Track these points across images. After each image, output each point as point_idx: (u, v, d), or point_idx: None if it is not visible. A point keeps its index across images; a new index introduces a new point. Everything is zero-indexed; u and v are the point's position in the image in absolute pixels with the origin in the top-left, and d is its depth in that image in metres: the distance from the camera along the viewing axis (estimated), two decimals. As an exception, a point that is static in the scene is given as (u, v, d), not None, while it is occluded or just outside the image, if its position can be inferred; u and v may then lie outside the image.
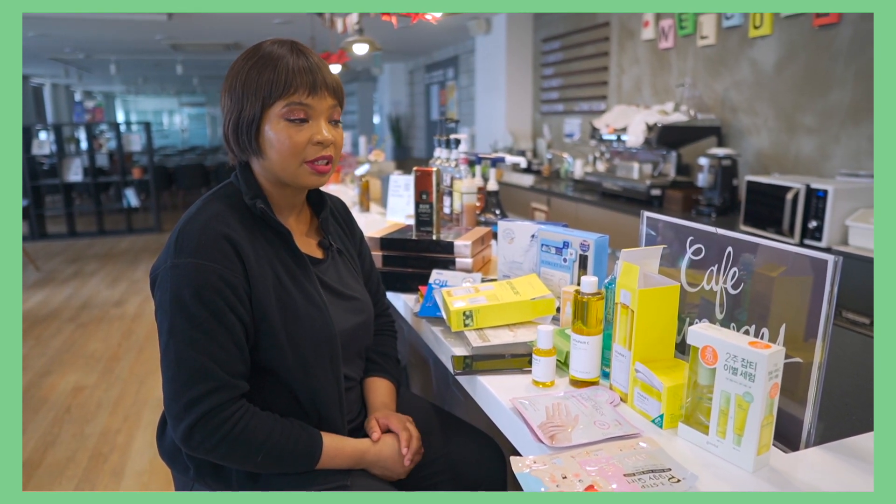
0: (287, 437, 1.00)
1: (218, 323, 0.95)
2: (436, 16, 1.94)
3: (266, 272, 1.02)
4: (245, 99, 1.02)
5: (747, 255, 0.94)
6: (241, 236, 1.01)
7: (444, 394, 1.80)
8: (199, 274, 0.95)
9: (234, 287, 0.97)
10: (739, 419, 0.77)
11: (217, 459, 0.98)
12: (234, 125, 1.04)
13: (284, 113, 1.01)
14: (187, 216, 1.03)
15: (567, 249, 1.29)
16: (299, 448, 1.00)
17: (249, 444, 0.96)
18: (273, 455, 0.98)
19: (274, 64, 1.01)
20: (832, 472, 0.79)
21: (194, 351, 0.94)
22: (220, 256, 0.97)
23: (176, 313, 0.95)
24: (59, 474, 2.39)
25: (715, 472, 0.78)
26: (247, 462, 0.98)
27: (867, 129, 2.81)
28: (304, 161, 1.04)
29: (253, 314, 1.00)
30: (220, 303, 0.96)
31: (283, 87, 1.00)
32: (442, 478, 1.20)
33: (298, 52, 1.03)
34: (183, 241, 0.98)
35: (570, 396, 0.96)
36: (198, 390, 0.94)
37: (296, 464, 1.01)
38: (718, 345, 0.79)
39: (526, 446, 0.89)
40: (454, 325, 1.18)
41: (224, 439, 0.95)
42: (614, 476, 0.75)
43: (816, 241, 2.53)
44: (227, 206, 1.04)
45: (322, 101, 1.04)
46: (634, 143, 3.65)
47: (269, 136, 1.02)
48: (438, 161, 2.11)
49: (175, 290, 0.95)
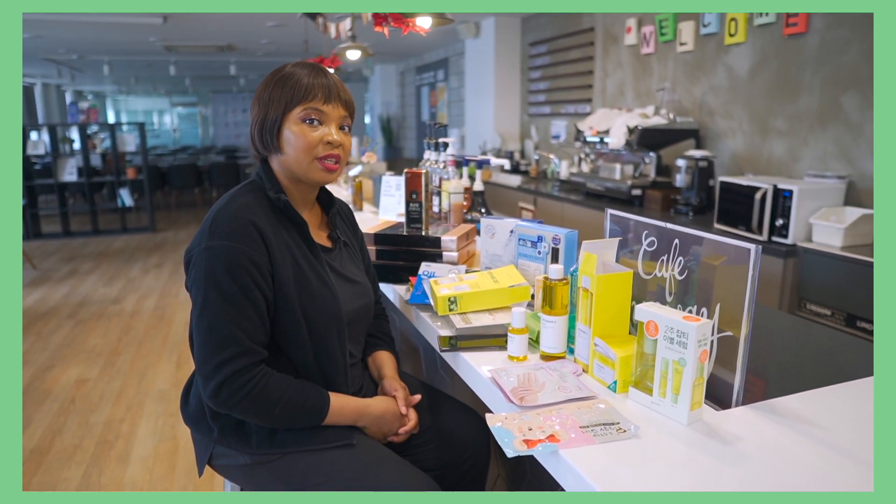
0: (300, 394, 1.15)
1: (245, 297, 1.11)
2: (424, 28, 2.08)
3: (286, 256, 1.18)
4: (270, 105, 1.20)
5: (695, 246, 1.09)
6: (266, 225, 1.17)
7: (433, 377, 1.95)
8: (231, 254, 1.11)
9: (260, 267, 1.13)
10: (676, 381, 0.92)
11: (239, 414, 1.13)
12: (260, 126, 1.22)
13: (302, 116, 1.19)
14: (219, 205, 1.19)
15: (541, 243, 1.45)
16: (310, 404, 1.16)
17: (268, 401, 1.12)
18: (288, 409, 1.14)
19: (297, 78, 1.20)
20: (752, 424, 0.94)
21: (224, 320, 1.10)
22: (248, 240, 1.13)
23: (210, 288, 1.11)
24: (67, 460, 2.52)
25: (657, 426, 0.94)
26: (266, 416, 1.14)
27: (833, 133, 2.98)
28: (315, 158, 1.21)
29: (274, 291, 1.16)
30: (248, 280, 1.11)
31: (304, 94, 1.19)
32: (430, 445, 1.35)
33: (318, 71, 1.22)
34: (216, 227, 1.14)
35: (540, 368, 1.11)
36: (226, 354, 1.09)
37: (308, 418, 1.16)
38: (659, 319, 0.94)
39: (500, 407, 1.04)
40: (440, 310, 1.34)
41: (247, 396, 1.10)
42: (572, 427, 0.91)
43: (783, 238, 2.70)
44: (254, 198, 1.21)
45: (335, 109, 1.22)
46: (616, 145, 3.81)
47: (287, 135, 1.20)
48: (428, 163, 2.26)
49: (209, 269, 1.11)
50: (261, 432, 1.19)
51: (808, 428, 0.94)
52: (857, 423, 0.96)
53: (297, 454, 1.18)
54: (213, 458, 1.24)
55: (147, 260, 6.15)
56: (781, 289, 2.69)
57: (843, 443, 0.90)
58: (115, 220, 8.03)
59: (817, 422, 0.96)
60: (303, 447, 1.18)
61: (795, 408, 1.00)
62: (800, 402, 1.03)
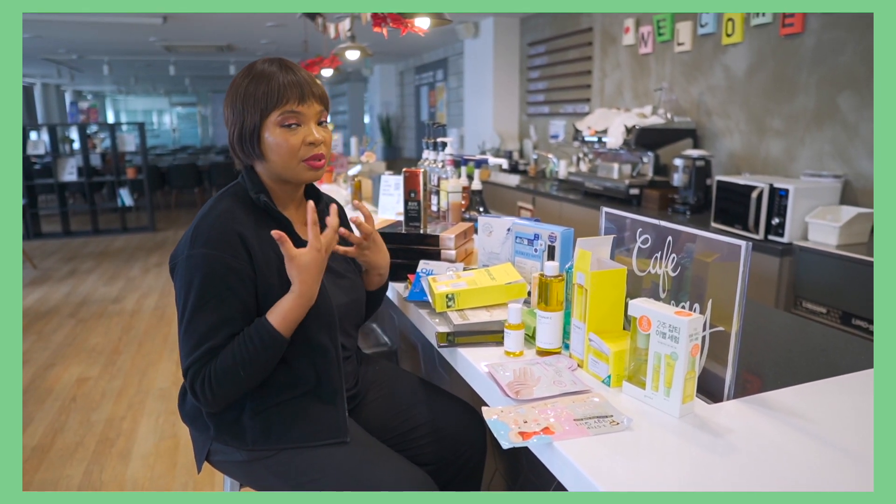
0: (246, 345, 1.13)
1: (222, 304, 1.13)
2: (423, 28, 2.10)
3: (269, 256, 1.19)
4: (245, 111, 1.20)
5: (689, 243, 1.11)
6: (248, 228, 1.19)
7: (431, 373, 1.97)
8: (208, 263, 1.14)
9: (239, 273, 1.15)
10: (668, 375, 0.94)
11: (223, 398, 1.14)
12: (239, 135, 1.22)
13: (279, 120, 1.20)
14: (202, 213, 1.21)
15: (538, 241, 1.47)
16: (261, 343, 1.13)
17: (227, 372, 1.12)
18: (249, 364, 1.12)
19: (268, 80, 1.19)
20: (743, 417, 0.96)
21: (200, 327, 1.13)
22: (227, 247, 1.15)
23: (189, 297, 1.14)
24: (69, 457, 2.54)
25: (650, 419, 0.96)
26: (239, 384, 1.13)
27: (829, 133, 3.00)
28: (300, 160, 1.22)
29: (259, 293, 1.18)
30: (224, 288, 1.14)
31: (277, 98, 1.19)
32: (427, 440, 1.37)
33: (287, 68, 1.22)
34: (197, 235, 1.16)
35: (536, 363, 1.13)
36: (193, 357, 1.13)
37: (270, 353, 1.14)
38: (652, 314, 0.96)
39: (496, 401, 1.06)
40: (438, 307, 1.35)
41: (209, 381, 1.12)
42: (566, 420, 0.92)
43: (779, 237, 2.72)
44: (235, 202, 1.22)
45: (311, 107, 1.22)
46: (614, 144, 3.84)
47: (268, 141, 1.20)
48: (426, 162, 2.28)
49: (188, 277, 1.14)
50: (255, 429, 1.20)
51: (798, 420, 0.96)
52: (848, 416, 0.98)
53: (292, 450, 1.20)
54: (210, 454, 1.26)
55: (147, 259, 6.17)
56: (777, 287, 2.71)
57: (834, 435, 0.92)
58: (115, 220, 8.05)
59: (807, 414, 0.98)
60: (297, 444, 1.20)
61: (786, 401, 1.02)
62: (790, 395, 1.05)
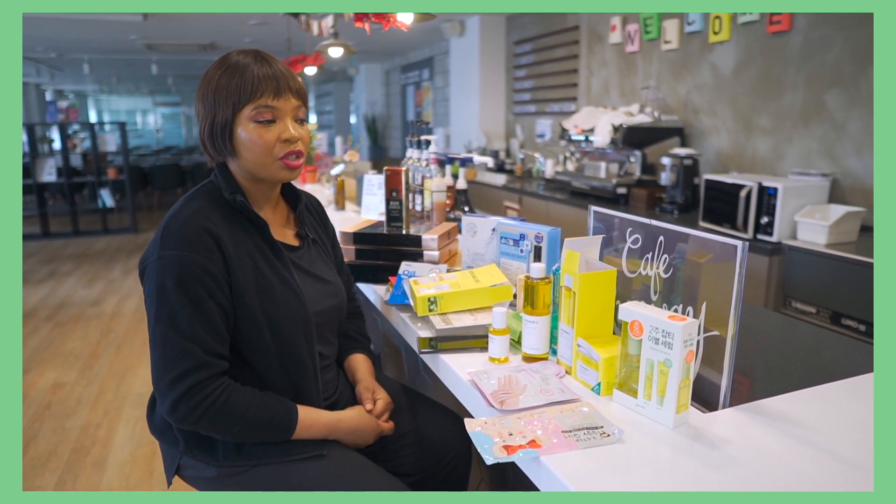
0: (264, 409, 1.09)
1: (199, 308, 1.06)
2: (406, 23, 2.04)
3: (244, 260, 1.12)
4: (217, 105, 1.12)
5: (681, 243, 1.06)
6: (221, 229, 1.11)
7: (414, 379, 1.91)
8: (181, 265, 1.05)
9: (214, 275, 1.07)
10: (661, 383, 0.89)
11: (200, 430, 1.08)
12: (210, 130, 1.14)
13: (253, 115, 1.12)
14: (172, 212, 1.13)
15: (524, 241, 1.41)
16: (276, 419, 1.10)
17: (229, 416, 1.06)
18: (251, 425, 1.08)
19: (241, 72, 1.12)
20: (740, 427, 0.91)
21: (178, 334, 1.04)
22: (200, 248, 1.07)
23: (162, 301, 1.05)
24: (41, 467, 2.45)
25: (642, 430, 0.90)
26: (227, 432, 1.08)
27: (817, 131, 2.98)
28: (276, 158, 1.14)
29: (233, 298, 1.10)
30: (201, 290, 1.06)
31: (251, 91, 1.11)
32: (411, 449, 1.31)
33: (262, 60, 1.14)
34: (167, 236, 1.08)
35: (521, 370, 1.07)
36: (180, 368, 1.04)
37: (273, 433, 1.11)
38: (644, 319, 0.91)
39: (480, 412, 1.00)
40: (420, 311, 1.30)
41: (206, 412, 1.05)
42: (554, 432, 0.87)
43: (768, 236, 2.69)
44: (208, 201, 1.15)
45: (287, 102, 1.14)
46: (601, 143, 3.80)
47: (241, 137, 1.13)
48: (410, 161, 2.22)
49: (160, 280, 1.06)
50: (227, 444, 1.13)
51: (797, 429, 0.91)
52: (847, 424, 0.93)
53: (265, 466, 1.12)
54: (180, 469, 1.19)
55: (128, 261, 6.05)
56: (767, 287, 2.68)
57: (835, 445, 0.87)
58: (96, 221, 7.90)
59: (807, 423, 0.93)
60: (271, 459, 1.13)
61: (784, 409, 0.97)
62: (788, 402, 1.00)
